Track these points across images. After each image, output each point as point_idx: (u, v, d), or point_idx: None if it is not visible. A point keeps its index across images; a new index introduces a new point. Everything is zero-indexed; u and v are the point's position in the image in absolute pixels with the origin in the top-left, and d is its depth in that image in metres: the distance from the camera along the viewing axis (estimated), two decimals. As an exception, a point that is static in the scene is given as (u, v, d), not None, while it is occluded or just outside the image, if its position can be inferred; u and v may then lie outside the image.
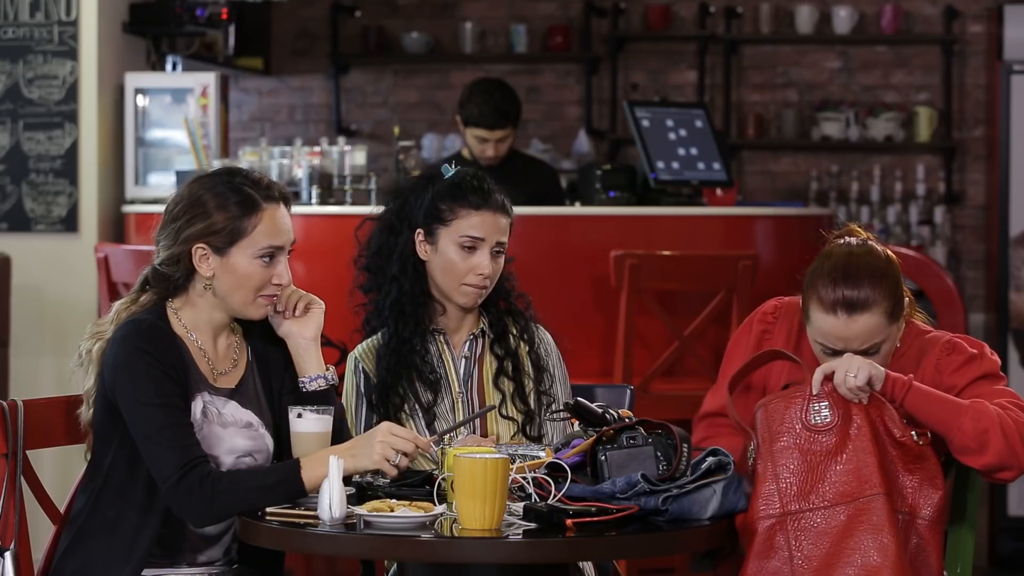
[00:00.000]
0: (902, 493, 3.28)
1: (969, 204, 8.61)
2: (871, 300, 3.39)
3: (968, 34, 8.64)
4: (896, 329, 3.46)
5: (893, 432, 3.27)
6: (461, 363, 3.81)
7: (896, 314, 3.44)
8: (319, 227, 5.75)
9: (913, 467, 3.28)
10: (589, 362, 5.69)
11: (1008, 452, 3.29)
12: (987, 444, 3.29)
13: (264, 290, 3.43)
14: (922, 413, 3.30)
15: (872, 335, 3.41)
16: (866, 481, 3.23)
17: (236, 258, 3.41)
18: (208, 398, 3.42)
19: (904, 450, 3.27)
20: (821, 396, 3.29)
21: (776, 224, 6.21)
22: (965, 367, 3.43)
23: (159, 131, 6.68)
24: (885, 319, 3.41)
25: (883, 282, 3.42)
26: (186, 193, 3.45)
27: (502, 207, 3.77)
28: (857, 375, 3.27)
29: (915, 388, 3.31)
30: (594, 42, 8.88)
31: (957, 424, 3.29)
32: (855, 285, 3.40)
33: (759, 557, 3.23)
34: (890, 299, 3.42)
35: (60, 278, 6.55)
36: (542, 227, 5.90)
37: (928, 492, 3.29)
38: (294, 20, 9.02)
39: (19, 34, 6.57)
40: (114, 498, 3.39)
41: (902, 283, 3.48)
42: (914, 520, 3.28)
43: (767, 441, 3.28)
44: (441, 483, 3.22)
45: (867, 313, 3.39)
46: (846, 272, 3.41)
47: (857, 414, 3.28)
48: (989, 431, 3.28)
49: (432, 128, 8.88)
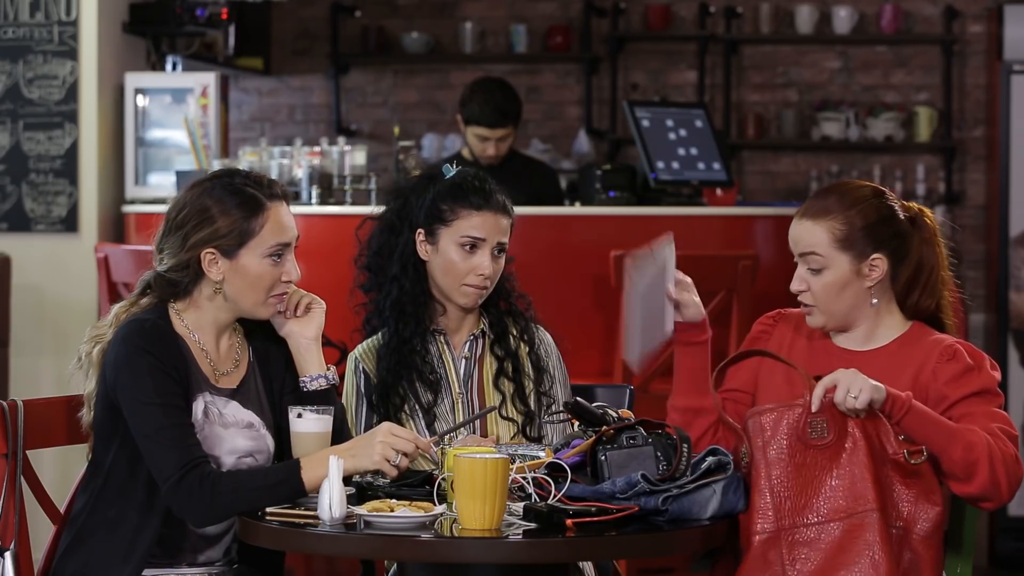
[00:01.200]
0: (897, 507, 3.26)
1: (969, 204, 8.61)
2: (825, 210, 3.45)
3: (968, 34, 8.65)
4: (846, 263, 3.44)
5: (886, 448, 3.26)
6: (461, 363, 3.81)
7: (848, 243, 3.43)
8: (319, 227, 5.75)
9: (910, 481, 3.27)
10: (589, 362, 5.69)
11: (992, 485, 3.28)
12: (974, 476, 3.27)
13: (275, 289, 3.44)
14: (917, 434, 3.28)
15: (810, 244, 3.44)
16: (860, 497, 3.21)
17: (246, 259, 3.41)
18: (209, 398, 3.42)
19: (900, 466, 3.26)
20: (820, 411, 3.27)
21: (776, 224, 6.20)
22: (961, 379, 3.38)
23: (159, 131, 6.69)
24: (829, 238, 3.43)
25: (849, 203, 3.45)
26: (189, 199, 3.44)
27: (503, 208, 3.77)
28: (859, 397, 3.22)
29: (914, 409, 3.28)
30: (594, 42, 8.88)
31: (948, 452, 3.27)
32: (827, 192, 3.51)
33: (752, 571, 3.22)
34: (845, 223, 3.43)
35: (60, 278, 6.55)
36: (542, 227, 5.90)
37: (924, 507, 3.27)
38: (294, 20, 9.03)
39: (19, 34, 6.57)
40: (115, 498, 3.39)
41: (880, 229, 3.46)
42: (908, 535, 3.26)
43: (760, 450, 3.26)
44: (441, 483, 3.22)
45: (813, 220, 3.45)
46: (831, 185, 3.56)
47: (854, 429, 3.25)
48: (978, 463, 3.26)
49: (432, 128, 8.88)
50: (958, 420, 3.33)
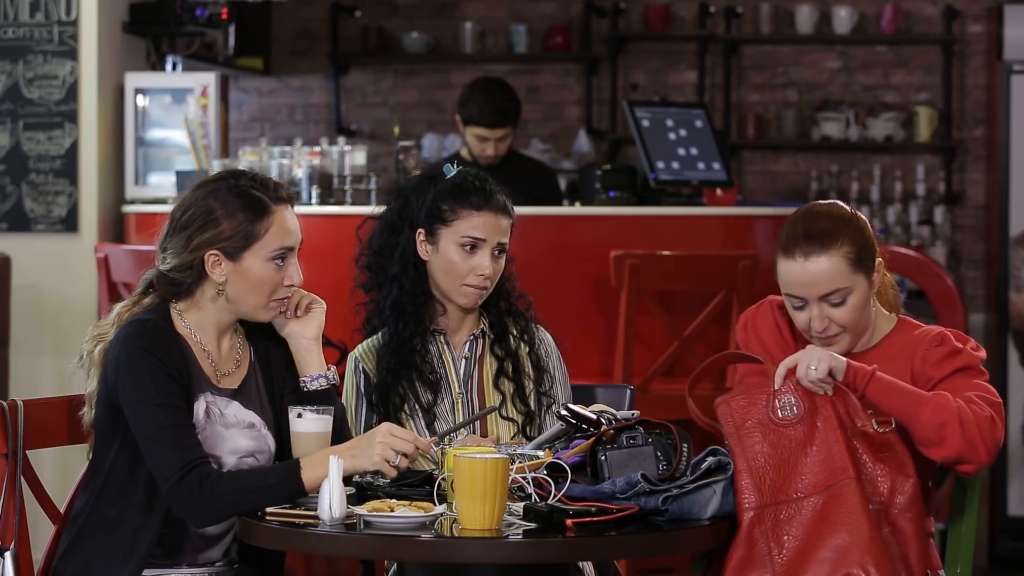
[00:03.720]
0: (873, 483, 3.28)
1: (969, 204, 8.61)
2: (829, 237, 3.41)
3: (968, 34, 8.64)
4: (864, 282, 3.44)
5: (855, 421, 3.28)
6: (461, 363, 3.81)
7: (861, 262, 3.43)
8: (319, 227, 5.75)
9: (881, 455, 3.29)
10: (589, 362, 5.70)
11: (967, 446, 3.29)
12: (945, 437, 3.28)
13: (276, 293, 3.44)
14: (884, 403, 3.31)
15: (833, 279, 3.40)
16: (837, 468, 3.24)
17: (249, 262, 3.41)
18: (211, 399, 3.42)
19: (869, 439, 3.28)
20: (786, 390, 3.29)
21: (776, 224, 6.20)
22: (946, 359, 3.42)
23: (159, 131, 6.68)
24: (846, 263, 3.41)
25: (843, 225, 3.44)
26: (194, 200, 3.43)
27: (503, 208, 3.77)
28: (818, 367, 3.27)
29: (877, 378, 3.31)
30: (594, 42, 8.88)
31: (917, 416, 3.29)
32: (813, 222, 3.44)
33: (739, 549, 3.24)
34: (851, 243, 3.42)
35: (60, 278, 6.54)
36: (542, 227, 5.90)
37: (899, 480, 3.28)
38: (294, 20, 9.02)
39: (19, 34, 6.57)
40: (115, 498, 3.39)
41: (870, 236, 3.46)
42: (888, 509, 3.28)
43: (734, 437, 3.29)
44: (441, 483, 3.22)
45: (825, 254, 3.40)
46: (807, 216, 3.48)
47: (823, 405, 3.28)
48: (947, 424, 3.28)
49: (432, 128, 8.88)
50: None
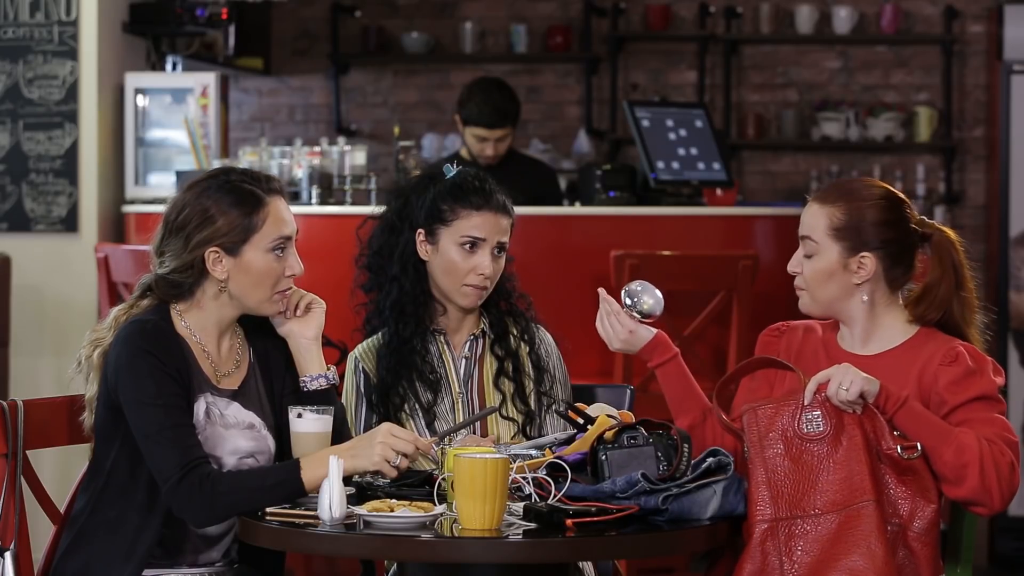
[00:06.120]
0: (894, 504, 3.27)
1: (969, 204, 8.61)
2: (834, 196, 3.48)
3: (968, 34, 8.65)
4: (836, 254, 3.45)
5: (881, 444, 3.27)
6: (461, 363, 3.81)
7: (844, 236, 3.45)
8: (319, 227, 5.75)
9: (904, 478, 3.27)
10: (589, 362, 5.69)
11: (982, 490, 3.28)
12: (964, 479, 3.27)
13: (279, 285, 3.44)
14: (910, 432, 3.28)
15: (809, 227, 3.48)
16: (857, 489, 3.22)
17: (250, 255, 3.41)
18: (211, 399, 3.42)
19: (894, 462, 3.27)
20: (814, 405, 3.28)
21: (776, 224, 6.20)
22: (960, 384, 3.37)
23: (159, 131, 6.68)
24: (826, 224, 3.45)
25: (856, 199, 3.49)
26: (187, 200, 3.43)
27: (503, 208, 3.77)
28: (850, 389, 3.25)
29: (908, 406, 3.29)
30: (594, 42, 8.88)
31: (939, 452, 3.28)
32: (841, 183, 3.58)
33: (750, 562, 3.23)
34: (846, 216, 3.45)
35: (60, 278, 6.54)
36: (542, 227, 5.90)
37: (920, 505, 3.27)
38: (294, 20, 9.03)
39: (19, 34, 6.57)
40: (115, 498, 3.39)
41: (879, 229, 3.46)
42: (905, 532, 3.27)
43: (756, 446, 3.27)
44: (441, 483, 3.22)
45: (819, 206, 3.48)
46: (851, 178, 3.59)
47: (850, 424, 3.26)
48: (968, 467, 3.26)
49: (432, 128, 8.88)
50: (957, 426, 3.32)
